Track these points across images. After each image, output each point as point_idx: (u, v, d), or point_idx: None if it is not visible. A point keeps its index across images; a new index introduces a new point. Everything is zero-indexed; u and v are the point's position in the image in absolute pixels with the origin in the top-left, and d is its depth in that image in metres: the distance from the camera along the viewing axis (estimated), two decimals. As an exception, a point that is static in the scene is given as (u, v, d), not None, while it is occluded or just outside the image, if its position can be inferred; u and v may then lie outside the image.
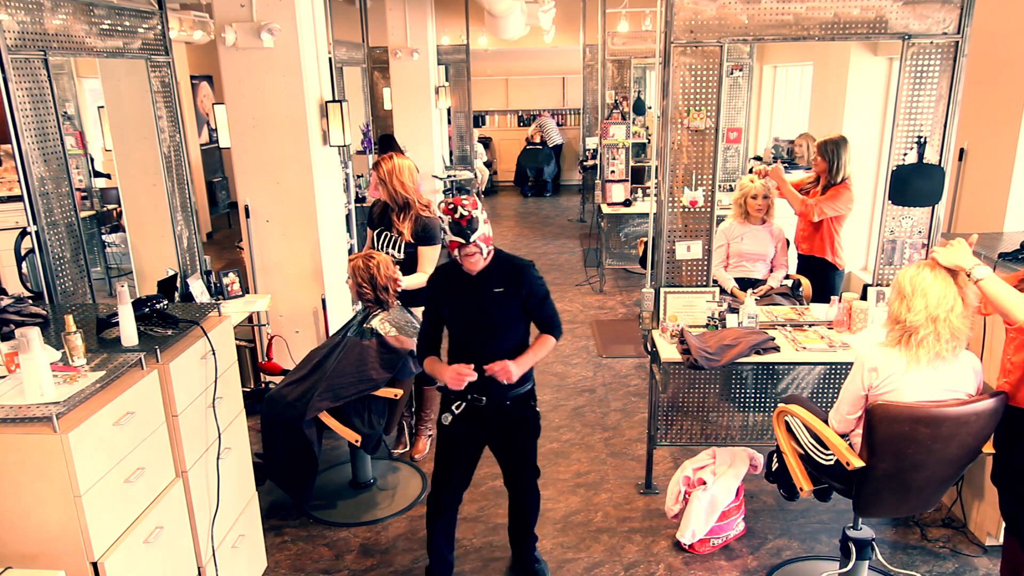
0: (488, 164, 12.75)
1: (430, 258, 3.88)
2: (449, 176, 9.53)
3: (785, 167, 6.34)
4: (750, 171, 4.35)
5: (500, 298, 2.73)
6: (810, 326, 3.62)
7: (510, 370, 2.67)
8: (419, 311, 3.81)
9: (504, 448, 2.96)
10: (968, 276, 2.41)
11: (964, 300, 2.40)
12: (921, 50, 3.32)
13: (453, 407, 2.82)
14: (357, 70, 8.27)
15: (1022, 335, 2.49)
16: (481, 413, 2.81)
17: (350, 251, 5.27)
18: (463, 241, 2.60)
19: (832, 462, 2.61)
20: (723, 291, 4.07)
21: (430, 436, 4.24)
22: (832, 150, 4.15)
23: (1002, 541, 2.95)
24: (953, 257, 2.42)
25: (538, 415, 2.94)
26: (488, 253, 2.70)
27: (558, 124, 13.23)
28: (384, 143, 7.01)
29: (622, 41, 8.84)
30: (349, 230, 5.41)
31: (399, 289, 3.67)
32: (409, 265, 3.85)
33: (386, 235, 3.92)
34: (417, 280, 3.81)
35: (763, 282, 4.30)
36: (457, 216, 2.58)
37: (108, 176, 6.24)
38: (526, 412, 2.90)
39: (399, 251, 3.88)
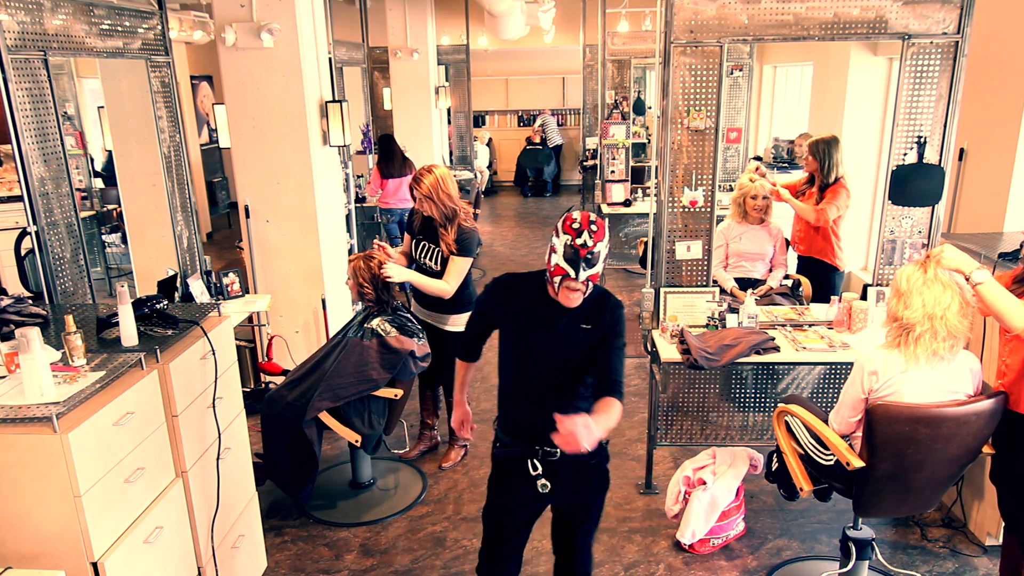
0: (488, 165, 12.73)
1: (459, 270, 3.62)
2: (449, 176, 9.51)
3: (785, 167, 6.36)
4: (755, 169, 4.33)
5: (585, 336, 2.25)
6: (810, 326, 3.62)
7: (586, 433, 1.90)
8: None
9: (573, 506, 2.47)
10: (967, 279, 2.42)
11: (963, 299, 2.41)
12: (921, 50, 3.32)
13: (532, 471, 2.33)
14: (357, 70, 8.28)
15: (1017, 339, 2.50)
16: (554, 468, 2.32)
17: (350, 251, 5.27)
18: (571, 273, 2.12)
19: (832, 462, 2.61)
20: (723, 291, 4.07)
21: (463, 446, 4.14)
22: (823, 150, 4.15)
23: (1002, 541, 2.95)
24: (955, 259, 2.43)
25: (609, 458, 2.43)
26: (589, 290, 2.21)
27: (558, 124, 13.22)
28: (384, 143, 6.99)
29: (622, 41, 8.84)
30: (349, 230, 5.41)
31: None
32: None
33: (425, 246, 3.71)
34: (435, 286, 3.61)
35: (762, 282, 4.30)
36: (579, 243, 2.10)
37: (108, 176, 6.24)
38: (601, 457, 2.39)
39: (436, 263, 3.67)
